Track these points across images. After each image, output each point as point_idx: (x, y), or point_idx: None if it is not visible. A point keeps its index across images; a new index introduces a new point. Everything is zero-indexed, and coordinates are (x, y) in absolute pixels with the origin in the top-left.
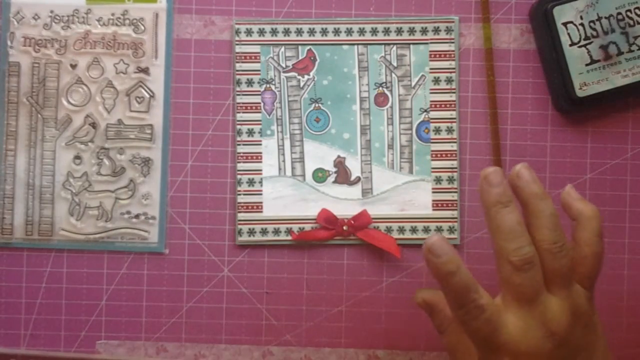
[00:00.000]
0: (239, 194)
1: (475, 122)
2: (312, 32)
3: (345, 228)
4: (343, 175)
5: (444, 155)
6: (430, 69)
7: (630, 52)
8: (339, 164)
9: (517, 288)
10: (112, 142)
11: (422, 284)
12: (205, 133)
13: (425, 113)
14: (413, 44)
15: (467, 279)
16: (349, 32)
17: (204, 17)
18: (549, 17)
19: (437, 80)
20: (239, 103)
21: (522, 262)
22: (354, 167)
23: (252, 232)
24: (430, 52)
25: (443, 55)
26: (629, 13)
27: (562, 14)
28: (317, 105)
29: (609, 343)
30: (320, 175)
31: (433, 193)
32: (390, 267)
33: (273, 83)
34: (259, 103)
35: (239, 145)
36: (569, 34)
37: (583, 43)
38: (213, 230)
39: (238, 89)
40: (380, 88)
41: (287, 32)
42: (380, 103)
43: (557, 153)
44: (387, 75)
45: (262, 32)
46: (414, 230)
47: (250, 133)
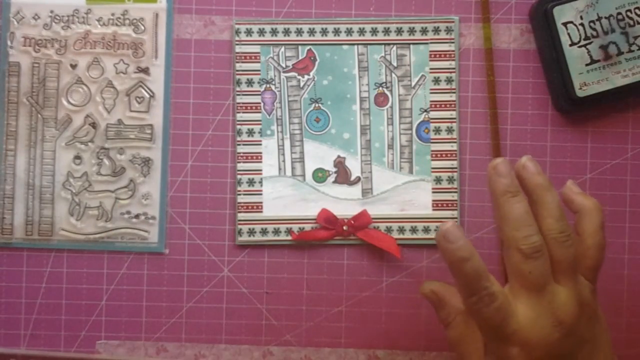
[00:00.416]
0: (239, 194)
1: (475, 122)
2: (312, 32)
3: (345, 228)
4: (343, 175)
5: (444, 155)
6: (430, 69)
7: (630, 52)
8: (339, 164)
9: (526, 276)
10: (112, 142)
11: (421, 284)
12: (205, 133)
13: (425, 113)
14: (413, 44)
15: (479, 266)
16: (349, 32)
17: (204, 17)
18: (549, 17)
19: (437, 80)
20: (239, 103)
21: (531, 250)
22: (354, 167)
23: (252, 232)
24: (430, 52)
25: (443, 55)
26: (629, 13)
27: (562, 14)
28: (317, 105)
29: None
30: (320, 175)
31: (433, 193)
32: (390, 267)
33: (273, 83)
34: (259, 103)
35: (239, 145)
36: (569, 34)
37: (583, 43)
38: (213, 230)
39: (238, 89)
40: (380, 88)
41: (287, 32)
42: (380, 103)
43: (557, 153)
44: (387, 75)
45: (262, 32)
46: (414, 230)
47: (250, 133)
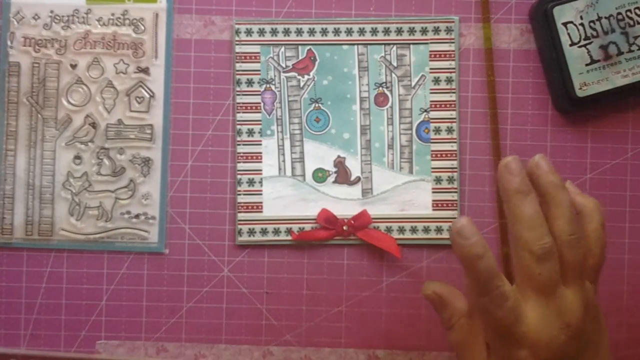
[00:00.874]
0: (239, 194)
1: (475, 122)
2: (312, 32)
3: (345, 228)
4: (343, 175)
5: (444, 155)
6: (430, 69)
7: (630, 52)
8: (339, 164)
9: (536, 278)
10: (112, 142)
11: (422, 284)
12: (205, 133)
13: (425, 113)
14: (413, 44)
15: (493, 265)
16: (349, 32)
17: (204, 17)
18: (549, 17)
19: (437, 80)
20: (239, 103)
21: (542, 251)
22: (354, 167)
23: (252, 232)
24: (430, 52)
25: (443, 55)
26: (629, 13)
27: (562, 14)
28: (317, 105)
29: (610, 342)
30: (320, 175)
31: (433, 193)
32: (390, 267)
33: (273, 83)
34: (259, 103)
35: (239, 145)
36: (569, 34)
37: (583, 43)
38: (213, 230)
39: (238, 89)
40: (380, 88)
41: (287, 32)
42: (380, 103)
43: (557, 153)
44: (387, 75)
45: (262, 32)
46: (414, 230)
47: (250, 133)
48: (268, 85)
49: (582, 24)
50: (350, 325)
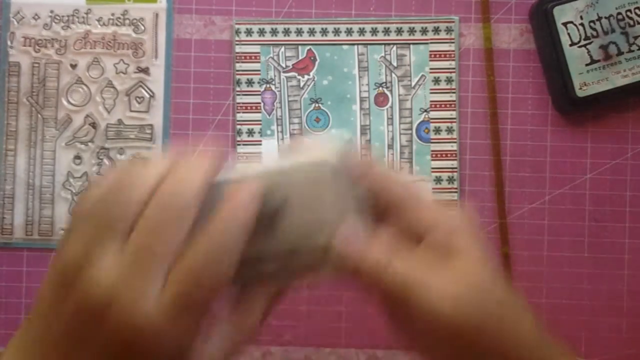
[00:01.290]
0: None
1: (475, 122)
2: (312, 32)
3: None
4: None
5: (444, 155)
6: (430, 69)
7: (630, 52)
8: None
9: None
10: (112, 142)
11: None
12: (205, 133)
13: (425, 113)
14: (413, 44)
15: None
16: (349, 32)
17: (204, 17)
18: (549, 17)
19: (437, 80)
20: (239, 103)
21: None
22: None
23: None
24: (430, 52)
25: (443, 55)
26: (629, 13)
27: (562, 14)
28: (317, 105)
29: (610, 342)
30: None
31: (433, 193)
32: None
33: (273, 83)
34: (259, 103)
35: (239, 145)
36: (569, 34)
37: (583, 43)
38: None
39: (238, 89)
40: (380, 88)
41: (287, 32)
42: (380, 103)
43: (557, 153)
44: (387, 75)
45: (262, 32)
46: None
47: (250, 133)
48: (268, 85)
49: (582, 24)
50: (350, 325)
